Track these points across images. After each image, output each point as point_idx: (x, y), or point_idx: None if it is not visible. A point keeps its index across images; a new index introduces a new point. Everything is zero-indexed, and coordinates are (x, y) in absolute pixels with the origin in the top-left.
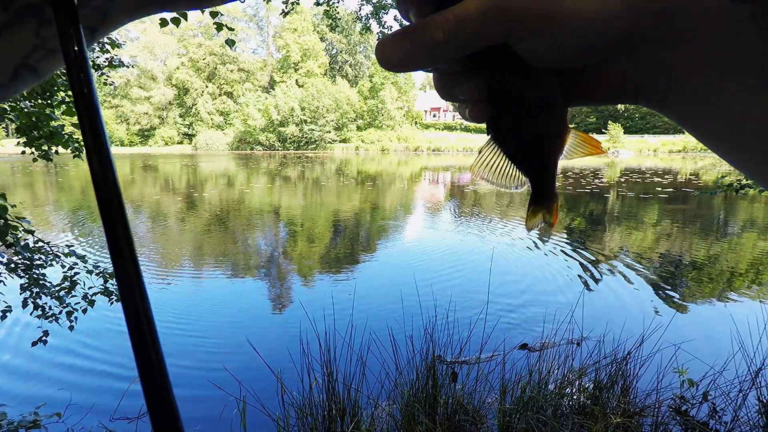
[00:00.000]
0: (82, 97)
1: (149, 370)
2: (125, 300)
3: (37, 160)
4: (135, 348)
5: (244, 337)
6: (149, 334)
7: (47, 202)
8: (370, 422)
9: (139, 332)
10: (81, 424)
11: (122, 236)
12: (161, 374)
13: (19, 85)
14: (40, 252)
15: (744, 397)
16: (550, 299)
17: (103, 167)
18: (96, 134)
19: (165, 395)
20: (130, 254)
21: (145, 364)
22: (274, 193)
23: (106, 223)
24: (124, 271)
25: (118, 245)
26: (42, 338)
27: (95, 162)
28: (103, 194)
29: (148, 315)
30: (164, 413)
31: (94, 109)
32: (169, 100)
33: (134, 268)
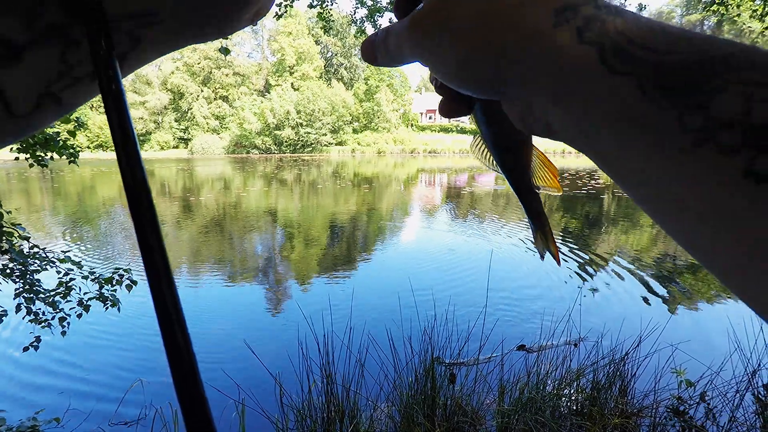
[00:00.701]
0: (111, 94)
1: (179, 362)
2: (154, 292)
3: (33, 165)
4: (165, 341)
5: (241, 340)
6: (179, 327)
7: (43, 207)
8: (369, 424)
9: (168, 324)
10: (79, 429)
11: (150, 230)
12: (191, 366)
13: (42, 116)
14: (35, 258)
15: (741, 397)
16: (548, 300)
17: (131, 166)
18: (125, 131)
19: (194, 386)
20: (159, 247)
21: (175, 356)
22: (270, 197)
23: (135, 218)
24: (153, 263)
25: (147, 239)
26: (33, 343)
27: (123, 160)
28: (131, 191)
29: (177, 307)
30: (193, 404)
31: (122, 104)
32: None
33: (163, 261)
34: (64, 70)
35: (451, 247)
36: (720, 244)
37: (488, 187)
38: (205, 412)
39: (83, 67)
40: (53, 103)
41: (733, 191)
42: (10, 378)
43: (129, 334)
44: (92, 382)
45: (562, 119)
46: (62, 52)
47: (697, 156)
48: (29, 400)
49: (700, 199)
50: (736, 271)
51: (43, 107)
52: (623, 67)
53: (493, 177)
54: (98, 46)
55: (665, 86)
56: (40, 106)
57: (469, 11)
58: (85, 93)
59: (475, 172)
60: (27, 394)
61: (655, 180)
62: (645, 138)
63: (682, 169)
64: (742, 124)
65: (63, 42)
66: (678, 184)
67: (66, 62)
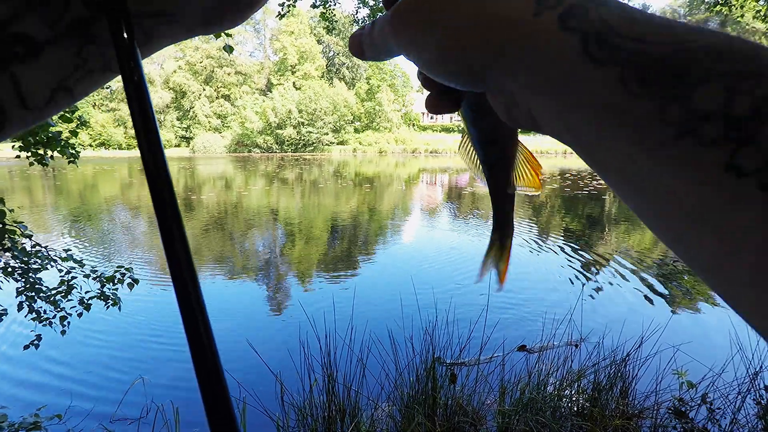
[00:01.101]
0: (133, 83)
1: (202, 356)
2: (176, 281)
3: (33, 164)
4: (188, 333)
5: (243, 338)
6: (201, 320)
7: (45, 205)
8: (369, 423)
9: (191, 318)
10: (81, 426)
11: (173, 221)
12: (213, 360)
13: (54, 108)
14: (37, 256)
15: (743, 399)
16: (549, 301)
17: (153, 153)
18: (146, 118)
19: (218, 383)
20: (180, 237)
21: (198, 350)
22: (272, 196)
23: (158, 210)
24: (175, 252)
25: (170, 230)
26: (34, 342)
27: (145, 147)
28: (154, 183)
29: (200, 298)
30: (216, 402)
31: (144, 93)
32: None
33: (184, 248)
34: (80, 64)
35: (453, 246)
36: (702, 240)
37: None
38: (229, 409)
39: (96, 60)
40: (66, 95)
41: (714, 186)
42: (12, 375)
43: (130, 333)
44: (94, 380)
45: (544, 111)
46: (79, 48)
47: (679, 149)
48: (31, 398)
49: (681, 194)
50: (719, 269)
51: (56, 100)
52: (604, 57)
53: None
54: (122, 40)
55: (646, 77)
56: (54, 99)
57: (450, 7)
58: (95, 84)
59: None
60: (29, 392)
61: (637, 174)
62: (625, 131)
63: (663, 162)
64: (723, 116)
65: (82, 39)
66: (659, 178)
67: (82, 57)
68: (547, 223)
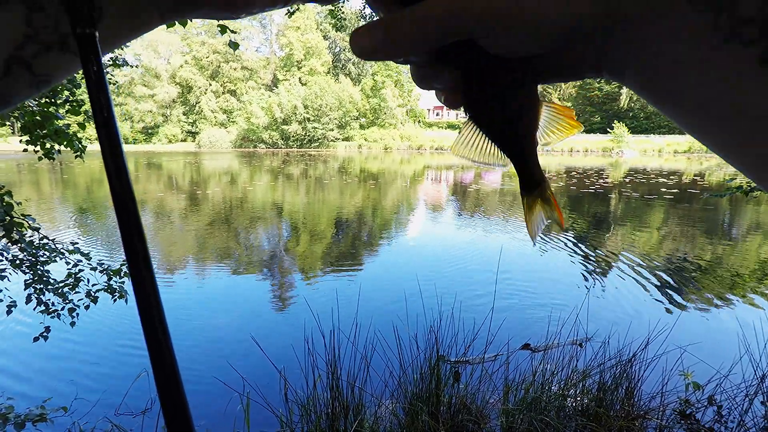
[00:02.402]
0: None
1: (161, 364)
2: (136, 286)
3: (42, 158)
4: (147, 341)
5: (247, 333)
6: (160, 326)
7: (52, 199)
8: (373, 421)
9: (150, 325)
10: (86, 419)
11: (134, 226)
12: (172, 368)
13: (14, 83)
14: (45, 249)
15: (750, 401)
16: (555, 299)
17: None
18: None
19: (176, 390)
20: (141, 245)
21: (157, 357)
22: (277, 191)
23: (119, 213)
24: (136, 262)
25: (130, 235)
26: (43, 334)
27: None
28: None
29: (158, 304)
30: (175, 408)
31: (104, 89)
32: (173, 98)
33: (145, 256)
34: (31, 34)
35: (458, 244)
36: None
37: (495, 185)
38: (186, 416)
39: (50, 34)
40: (24, 70)
41: (750, 77)
42: (19, 367)
43: (136, 326)
44: (99, 373)
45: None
46: (27, 16)
47: (725, 51)
48: (37, 389)
49: (727, 90)
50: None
51: (14, 73)
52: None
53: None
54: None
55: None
56: (10, 70)
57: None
58: (58, 65)
59: (482, 170)
60: (35, 383)
61: (689, 76)
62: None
63: (713, 63)
64: (761, 20)
65: (26, 4)
66: (709, 77)
67: (32, 26)
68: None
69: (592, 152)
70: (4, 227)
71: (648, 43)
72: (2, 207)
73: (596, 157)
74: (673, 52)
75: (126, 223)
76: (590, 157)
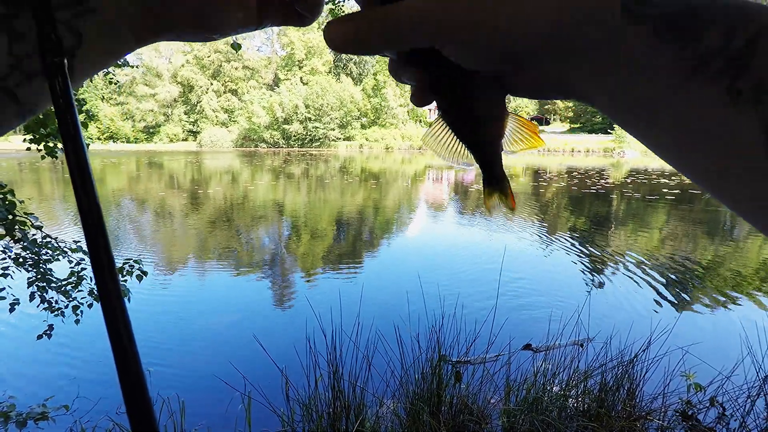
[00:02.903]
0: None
1: (126, 371)
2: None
3: (45, 157)
4: (113, 348)
5: (249, 332)
6: (125, 333)
7: (53, 198)
8: (375, 420)
9: (116, 333)
10: (88, 417)
11: (100, 238)
12: (137, 375)
13: (1, 113)
14: (47, 247)
15: (752, 402)
16: (557, 300)
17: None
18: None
19: (141, 396)
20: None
21: (123, 365)
22: (278, 191)
23: (86, 226)
24: (102, 275)
25: (96, 247)
26: (47, 332)
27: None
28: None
29: (124, 313)
30: (141, 414)
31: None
32: (174, 98)
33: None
34: (14, 64)
35: (460, 244)
36: (716, 153)
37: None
38: (152, 421)
39: (34, 62)
40: (10, 99)
41: (717, 107)
42: (21, 365)
43: (137, 325)
44: (101, 372)
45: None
46: (8, 44)
47: (696, 81)
48: (39, 387)
49: (697, 118)
50: (727, 174)
51: (1, 104)
52: (641, 15)
53: None
54: (47, 33)
55: (671, 27)
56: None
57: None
58: (43, 94)
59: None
60: (37, 382)
61: (664, 105)
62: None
63: (685, 93)
64: (725, 50)
65: (7, 33)
66: (681, 106)
67: (14, 55)
68: (554, 222)
69: (593, 152)
70: (7, 225)
71: (610, 73)
72: (5, 205)
73: (597, 158)
74: (638, 83)
75: (93, 236)
76: (591, 157)
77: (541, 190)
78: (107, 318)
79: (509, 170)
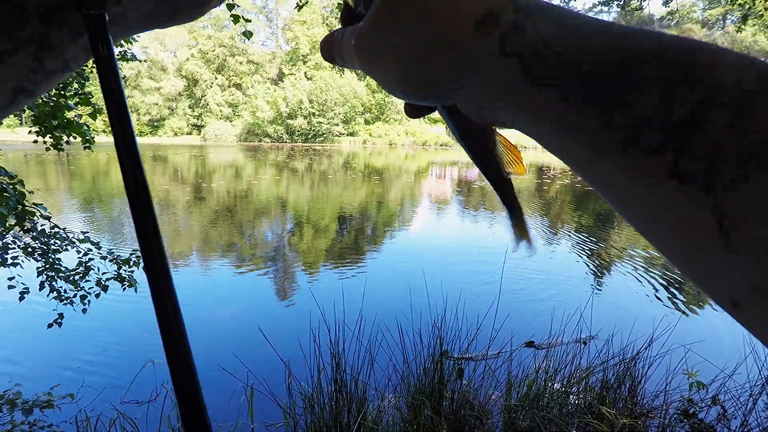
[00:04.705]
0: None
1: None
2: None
3: (50, 149)
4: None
5: (252, 325)
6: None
7: (59, 189)
8: (376, 414)
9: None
10: (92, 406)
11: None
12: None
13: (15, 106)
14: (56, 237)
15: (754, 401)
16: (559, 297)
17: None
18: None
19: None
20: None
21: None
22: (281, 186)
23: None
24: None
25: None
26: (57, 320)
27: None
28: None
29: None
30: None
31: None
32: (179, 92)
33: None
34: (37, 67)
35: (463, 240)
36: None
37: None
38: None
39: (55, 63)
40: (25, 94)
41: (663, 191)
42: (28, 354)
43: (143, 315)
44: (106, 362)
45: (506, 118)
46: (36, 53)
47: (627, 157)
48: (45, 376)
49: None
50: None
51: (17, 100)
52: (545, 77)
53: None
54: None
55: (587, 92)
56: (15, 99)
57: (401, 37)
58: (56, 82)
59: None
60: (43, 370)
61: (600, 175)
62: (580, 139)
63: (619, 167)
64: (662, 123)
65: (37, 45)
66: (617, 180)
67: (40, 61)
68: (557, 219)
69: None
70: (17, 216)
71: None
72: (15, 196)
73: None
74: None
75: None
76: None
77: (544, 187)
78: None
79: None
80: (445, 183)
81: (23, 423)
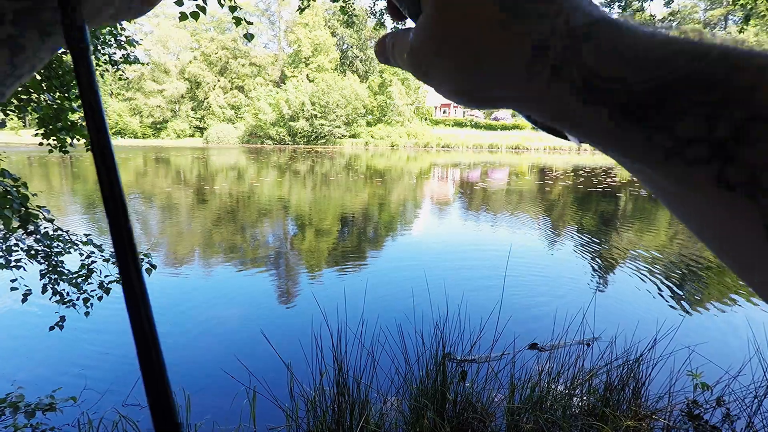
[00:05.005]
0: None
1: (149, 365)
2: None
3: (53, 151)
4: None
5: (254, 328)
6: (149, 327)
7: (63, 191)
8: (379, 417)
9: (139, 326)
10: (95, 409)
11: (123, 226)
12: (160, 369)
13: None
14: (59, 240)
15: (759, 402)
16: (562, 299)
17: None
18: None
19: (164, 391)
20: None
21: (146, 359)
22: (284, 188)
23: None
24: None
25: (120, 235)
26: (59, 323)
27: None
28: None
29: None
30: (163, 409)
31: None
32: (182, 94)
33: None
34: (10, 72)
35: (465, 242)
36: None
37: (501, 183)
38: (173, 416)
39: (26, 66)
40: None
41: (706, 198)
42: (30, 357)
43: None
44: (108, 364)
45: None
46: (10, 58)
47: (671, 167)
48: (47, 379)
49: (681, 203)
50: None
51: None
52: (592, 99)
53: (506, 173)
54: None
55: (630, 114)
56: None
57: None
58: (20, 84)
59: (488, 168)
60: (45, 373)
61: (654, 181)
62: (626, 153)
63: (666, 175)
64: (707, 140)
65: (11, 50)
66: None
67: (13, 65)
68: (560, 220)
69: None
70: (20, 218)
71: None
72: (18, 198)
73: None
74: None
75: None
76: (598, 155)
77: (547, 188)
78: (130, 307)
79: (516, 168)
80: (447, 185)
81: (26, 426)
